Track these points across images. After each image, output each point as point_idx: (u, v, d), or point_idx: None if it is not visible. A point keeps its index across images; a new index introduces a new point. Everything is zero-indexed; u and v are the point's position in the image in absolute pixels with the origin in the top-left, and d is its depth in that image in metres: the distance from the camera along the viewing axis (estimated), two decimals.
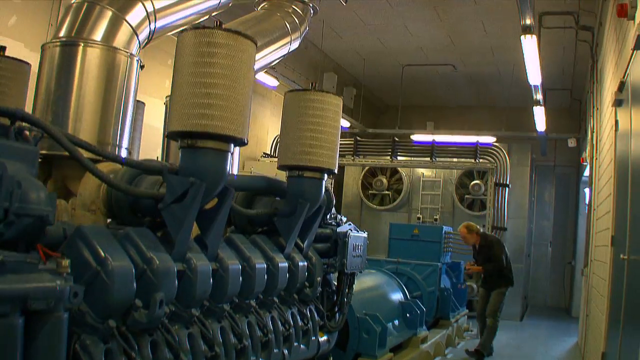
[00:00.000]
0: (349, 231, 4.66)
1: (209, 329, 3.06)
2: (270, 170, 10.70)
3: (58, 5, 7.04)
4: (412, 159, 11.79)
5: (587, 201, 11.04)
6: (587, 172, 10.84)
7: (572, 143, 12.15)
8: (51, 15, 6.99)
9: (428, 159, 11.02)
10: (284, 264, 3.81)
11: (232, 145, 2.82)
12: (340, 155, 12.18)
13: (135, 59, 3.31)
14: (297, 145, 3.75)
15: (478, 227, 8.56)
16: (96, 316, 2.42)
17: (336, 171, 3.97)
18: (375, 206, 13.84)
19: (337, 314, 4.77)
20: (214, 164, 2.78)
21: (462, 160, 11.37)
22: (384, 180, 13.54)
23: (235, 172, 5.07)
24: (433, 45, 11.81)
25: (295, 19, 5.26)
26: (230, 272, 3.21)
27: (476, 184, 12.48)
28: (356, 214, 14.22)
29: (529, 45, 6.62)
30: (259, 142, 11.76)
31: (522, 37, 6.36)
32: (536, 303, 15.23)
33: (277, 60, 5.22)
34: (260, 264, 3.54)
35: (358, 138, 11.89)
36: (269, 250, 3.75)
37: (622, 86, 5.13)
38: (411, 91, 14.59)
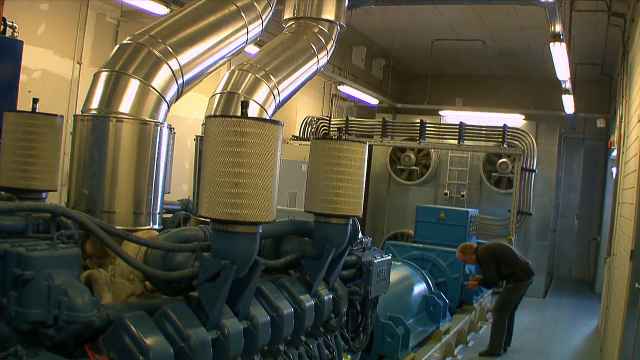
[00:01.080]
0: (373, 259, 4.79)
1: None
2: (299, 154, 10.83)
3: (85, 10, 7.11)
4: (440, 141, 11.75)
5: (613, 177, 10.95)
6: (615, 153, 10.71)
7: (600, 123, 11.97)
8: (79, 20, 7.08)
9: (455, 141, 10.98)
10: (310, 303, 3.99)
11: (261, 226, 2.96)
12: (368, 136, 12.25)
13: (165, 126, 3.42)
14: (323, 193, 3.87)
15: (473, 245, 8.51)
16: None
17: (361, 214, 4.08)
18: (403, 181, 13.93)
19: (361, 334, 4.99)
20: (245, 245, 2.94)
21: (490, 144, 11.31)
22: (412, 156, 13.56)
23: None
24: (463, 23, 11.59)
25: (322, 38, 5.27)
26: (261, 327, 3.41)
27: (503, 162, 12.44)
28: (384, 187, 14.35)
29: (558, 51, 6.50)
30: (288, 124, 11.81)
31: (551, 44, 6.25)
32: (561, 275, 15.36)
33: (306, 82, 5.26)
34: (288, 310, 3.73)
35: (386, 119, 11.86)
36: (296, 292, 3.92)
37: None
38: (440, 63, 14.41)
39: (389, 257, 5.15)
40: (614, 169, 11.31)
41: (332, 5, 5.33)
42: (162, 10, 6.62)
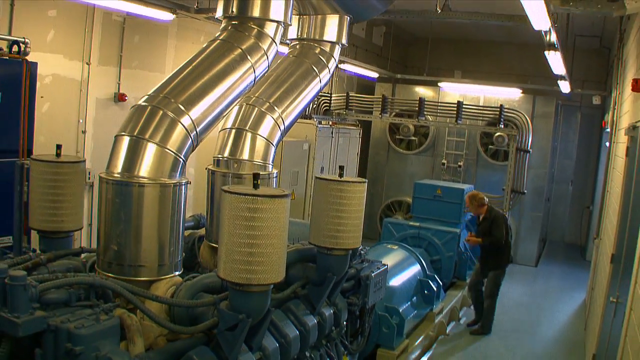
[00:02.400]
0: (371, 273, 5.22)
1: None
2: (301, 133, 11.10)
3: (92, 10, 7.28)
4: (438, 119, 12.03)
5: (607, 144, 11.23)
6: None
7: (596, 100, 12.21)
8: (86, 21, 7.26)
9: (453, 119, 11.25)
10: (314, 323, 4.45)
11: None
12: (367, 112, 12.49)
13: (183, 183, 3.77)
14: (325, 229, 4.26)
15: (484, 198, 8.60)
16: None
17: (360, 245, 4.49)
18: (401, 150, 14.27)
19: (359, 337, 5.49)
20: (258, 302, 3.37)
21: (485, 123, 11.57)
22: (411, 127, 13.83)
23: None
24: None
25: (323, 59, 5.51)
26: (272, 355, 3.88)
27: (500, 135, 12.73)
28: (383, 156, 14.71)
29: (554, 58, 6.73)
30: None
31: (546, 52, 6.47)
32: (554, 239, 15.92)
33: (311, 101, 5.55)
34: (295, 334, 4.19)
35: (386, 96, 12.08)
36: (301, 315, 4.38)
37: (634, 127, 5.38)
38: (440, 30, 14.45)
39: (386, 267, 5.57)
40: (607, 143, 11.66)
41: (334, 26, 5.55)
42: (168, 16, 6.80)
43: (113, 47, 7.72)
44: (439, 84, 13.60)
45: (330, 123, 11.80)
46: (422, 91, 14.19)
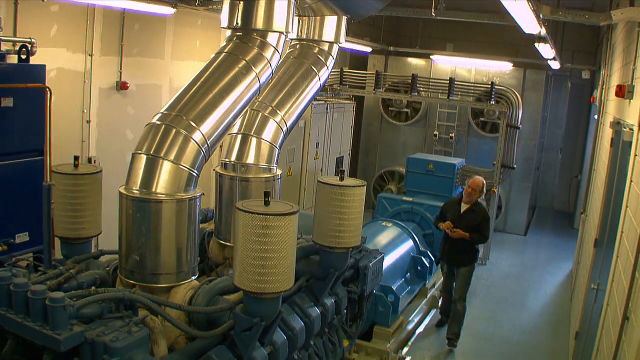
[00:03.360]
0: (369, 263, 5.58)
1: None
2: None
3: (93, 7, 7.40)
4: (430, 94, 12.26)
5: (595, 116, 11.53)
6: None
7: (585, 75, 12.43)
8: (87, 14, 7.39)
9: (445, 95, 11.50)
10: (317, 314, 4.83)
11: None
12: (360, 87, 12.63)
13: (197, 196, 4.06)
14: (328, 229, 4.60)
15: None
16: None
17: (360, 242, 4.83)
18: (394, 122, 14.54)
19: (358, 320, 5.89)
20: (270, 307, 3.73)
21: (476, 99, 11.80)
22: (404, 101, 14.06)
23: None
24: None
25: (322, 58, 5.73)
26: (280, 347, 4.26)
27: (491, 109, 12.99)
28: (376, 126, 14.99)
29: (544, 48, 6.96)
30: None
31: (537, 44, 6.70)
32: (544, 205, 16.38)
33: (312, 99, 5.80)
34: (300, 325, 4.57)
35: (379, 72, 12.27)
36: (306, 307, 4.76)
37: (618, 123, 5.69)
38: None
39: (382, 255, 5.93)
40: (595, 116, 11.97)
41: (333, 27, 5.76)
42: (168, 11, 6.94)
43: (114, 37, 7.85)
44: (431, 56, 13.77)
45: (325, 99, 12.03)
46: (415, 62, 14.39)
